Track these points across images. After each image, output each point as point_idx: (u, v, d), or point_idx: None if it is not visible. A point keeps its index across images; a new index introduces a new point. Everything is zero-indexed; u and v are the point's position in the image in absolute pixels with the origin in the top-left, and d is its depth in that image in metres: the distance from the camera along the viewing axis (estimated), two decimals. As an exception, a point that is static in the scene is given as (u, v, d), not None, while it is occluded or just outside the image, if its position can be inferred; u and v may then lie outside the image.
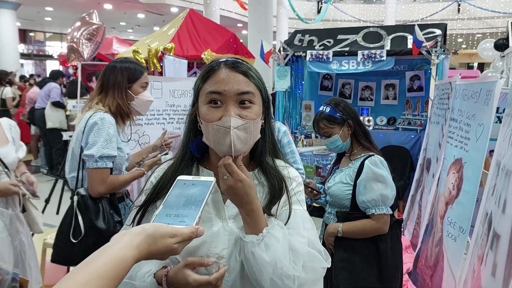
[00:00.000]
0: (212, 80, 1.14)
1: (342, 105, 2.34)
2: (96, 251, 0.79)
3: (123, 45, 10.80)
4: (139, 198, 1.26)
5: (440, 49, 4.85)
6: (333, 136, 2.32)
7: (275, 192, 1.19)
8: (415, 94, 5.97)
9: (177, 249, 0.87)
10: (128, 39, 17.86)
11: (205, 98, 1.14)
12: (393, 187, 2.20)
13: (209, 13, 13.56)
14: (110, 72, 2.34)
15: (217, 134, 1.11)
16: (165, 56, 4.58)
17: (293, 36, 6.19)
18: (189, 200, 0.95)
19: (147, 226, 0.87)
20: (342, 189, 2.28)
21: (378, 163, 2.20)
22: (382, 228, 2.20)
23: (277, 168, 1.25)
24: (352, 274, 2.25)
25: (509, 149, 1.95)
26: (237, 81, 1.12)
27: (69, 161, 2.32)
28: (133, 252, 0.81)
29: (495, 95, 2.47)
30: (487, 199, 2.29)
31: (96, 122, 2.22)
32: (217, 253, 1.14)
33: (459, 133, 2.99)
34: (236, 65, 1.15)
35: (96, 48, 5.31)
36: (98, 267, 0.75)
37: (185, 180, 1.02)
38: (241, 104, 1.13)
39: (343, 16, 19.10)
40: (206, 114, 1.13)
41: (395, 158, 5.28)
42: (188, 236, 0.88)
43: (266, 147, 1.24)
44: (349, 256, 2.26)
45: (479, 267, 2.12)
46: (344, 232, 2.23)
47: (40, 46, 27.01)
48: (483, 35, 19.50)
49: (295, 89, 6.30)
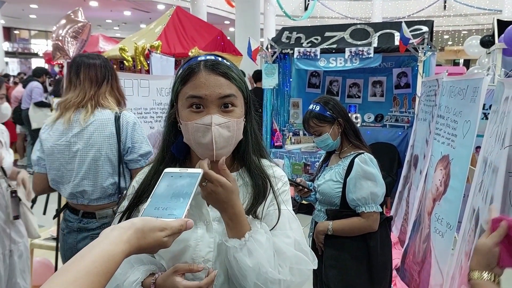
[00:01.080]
0: (192, 84, 1.10)
1: (331, 103, 2.33)
2: (85, 248, 0.78)
3: (109, 43, 10.70)
4: (122, 204, 1.24)
5: (427, 46, 4.88)
6: (324, 134, 2.31)
7: (260, 192, 1.17)
8: (402, 91, 6.00)
9: (167, 242, 0.86)
10: (114, 37, 17.67)
11: (185, 102, 1.11)
12: (383, 185, 2.21)
13: (196, 11, 13.50)
14: (90, 67, 2.23)
15: (197, 132, 1.09)
16: (152, 54, 4.53)
17: (280, 34, 6.18)
18: (177, 193, 0.94)
19: (136, 220, 0.86)
20: (332, 187, 2.28)
21: (368, 161, 2.20)
22: (372, 226, 2.21)
23: (262, 167, 1.23)
24: (342, 271, 2.26)
25: (495, 145, 1.96)
26: (218, 84, 1.09)
27: (94, 169, 2.15)
28: (122, 247, 0.79)
29: (482, 91, 2.49)
30: (474, 195, 2.31)
31: (135, 122, 2.22)
32: (203, 257, 1.12)
33: (446, 129, 3.01)
34: (216, 66, 1.11)
35: (82, 46, 5.24)
36: (87, 264, 0.73)
37: (172, 173, 1.00)
38: (223, 107, 1.10)
39: (330, 13, 19.14)
40: (188, 118, 1.10)
41: (383, 155, 5.30)
42: (178, 229, 0.87)
43: (249, 146, 1.21)
44: (339, 254, 2.27)
45: (466, 263, 2.14)
46: (334, 230, 2.23)
47: (25, 44, 26.67)
48: (469, 31, 19.68)
49: (283, 86, 6.29)
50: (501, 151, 1.82)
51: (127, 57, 5.34)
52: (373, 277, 2.26)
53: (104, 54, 7.09)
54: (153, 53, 4.56)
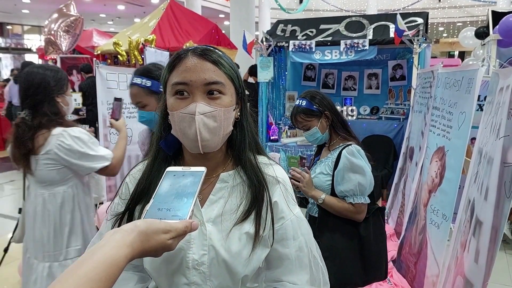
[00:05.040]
0: (178, 70, 1.04)
1: (318, 97, 2.34)
2: (86, 252, 0.74)
3: (103, 37, 10.65)
4: (115, 201, 1.18)
5: (422, 38, 4.87)
6: (312, 128, 2.32)
7: (258, 192, 1.11)
8: (397, 83, 6.01)
9: (171, 245, 0.82)
10: (108, 31, 17.57)
11: (171, 89, 1.05)
12: (370, 176, 2.22)
13: (191, 4, 13.43)
14: None
15: (183, 123, 1.03)
16: (146, 48, 4.52)
17: (275, 26, 6.15)
18: (180, 193, 0.90)
19: (139, 223, 0.82)
20: (322, 180, 2.29)
21: (355, 152, 2.21)
22: (358, 217, 2.24)
23: (259, 166, 1.15)
24: (336, 263, 2.26)
25: (490, 136, 1.96)
26: (205, 69, 1.03)
27: None
28: (126, 251, 0.76)
29: (477, 83, 2.49)
30: (469, 186, 2.31)
31: None
32: (196, 259, 1.07)
33: (442, 121, 3.01)
34: (205, 52, 1.05)
35: (75, 40, 5.22)
36: (88, 270, 0.69)
37: (174, 171, 0.96)
38: (209, 94, 1.04)
39: (325, 5, 19.08)
40: (173, 106, 1.05)
41: (379, 147, 5.31)
42: (183, 230, 0.83)
43: (245, 142, 1.14)
44: (332, 243, 2.27)
45: (462, 254, 2.15)
46: (325, 202, 2.24)
47: (18, 40, 26.47)
48: (463, 23, 19.68)
49: (278, 79, 6.28)
50: (496, 142, 1.82)
51: (121, 52, 5.32)
52: (367, 266, 2.28)
53: (98, 48, 7.06)
54: (147, 47, 4.55)
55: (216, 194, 1.12)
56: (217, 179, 1.14)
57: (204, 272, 1.07)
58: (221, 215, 1.10)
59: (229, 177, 1.14)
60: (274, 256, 1.15)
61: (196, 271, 1.06)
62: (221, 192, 1.13)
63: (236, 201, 1.11)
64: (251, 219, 1.09)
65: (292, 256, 1.14)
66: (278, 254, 1.14)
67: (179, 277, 1.07)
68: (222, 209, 1.10)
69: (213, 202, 1.12)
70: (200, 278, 1.07)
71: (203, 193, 1.12)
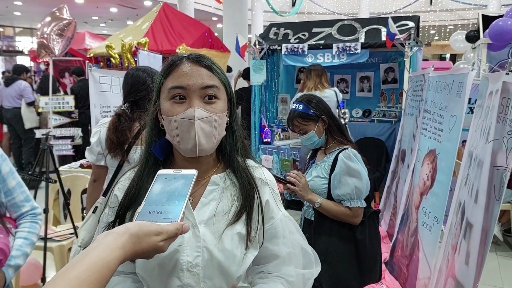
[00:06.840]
0: (174, 75, 1.09)
1: (314, 101, 2.35)
2: (78, 255, 0.75)
3: (96, 40, 10.60)
4: (105, 212, 1.19)
5: (413, 41, 4.91)
6: (309, 132, 2.33)
7: (248, 194, 1.15)
8: (389, 86, 6.04)
9: (163, 247, 0.83)
10: (101, 34, 17.52)
11: (168, 94, 1.09)
12: (367, 180, 2.23)
13: (183, 7, 13.40)
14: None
15: (181, 127, 1.06)
16: (139, 51, 4.51)
17: (268, 30, 6.17)
18: (171, 195, 0.91)
19: (131, 225, 0.82)
20: (318, 183, 2.30)
21: (352, 156, 2.22)
22: (354, 220, 2.25)
23: (248, 169, 1.20)
24: (332, 266, 2.27)
25: (480, 139, 1.99)
26: (201, 74, 1.08)
27: None
28: (117, 253, 0.76)
29: (467, 86, 2.51)
30: (460, 189, 2.34)
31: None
32: (190, 261, 1.08)
33: (433, 124, 3.04)
34: (199, 59, 1.11)
35: (68, 43, 5.19)
36: (80, 273, 0.70)
37: (166, 174, 0.97)
38: (205, 99, 1.08)
39: (318, 8, 19.14)
40: (170, 110, 1.07)
41: (371, 149, 5.34)
42: (174, 233, 0.84)
43: (236, 146, 1.19)
44: (328, 248, 2.28)
45: (453, 255, 2.17)
46: (322, 206, 2.24)
47: (10, 42, 26.27)
48: (454, 26, 19.84)
49: (271, 82, 6.29)
50: (486, 145, 1.84)
51: (114, 55, 5.31)
52: (363, 269, 2.29)
53: (90, 51, 7.02)
54: (140, 50, 4.54)
55: (207, 197, 1.14)
56: (208, 181, 1.16)
57: (198, 274, 1.08)
58: (213, 216, 1.11)
59: (220, 179, 1.17)
60: (265, 254, 1.19)
61: (189, 273, 1.07)
62: (212, 195, 1.15)
63: (227, 203, 1.14)
64: (243, 220, 1.12)
65: (283, 253, 1.19)
66: (268, 252, 1.19)
67: (172, 279, 1.08)
68: (214, 211, 1.12)
69: (204, 204, 1.13)
70: (193, 280, 1.07)
71: (195, 196, 1.14)
